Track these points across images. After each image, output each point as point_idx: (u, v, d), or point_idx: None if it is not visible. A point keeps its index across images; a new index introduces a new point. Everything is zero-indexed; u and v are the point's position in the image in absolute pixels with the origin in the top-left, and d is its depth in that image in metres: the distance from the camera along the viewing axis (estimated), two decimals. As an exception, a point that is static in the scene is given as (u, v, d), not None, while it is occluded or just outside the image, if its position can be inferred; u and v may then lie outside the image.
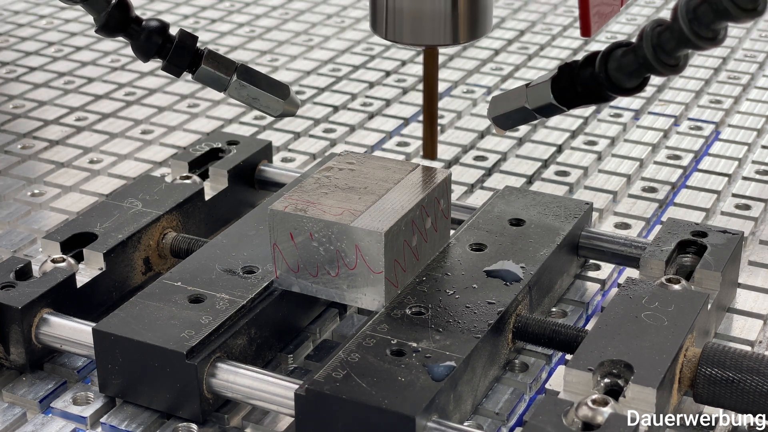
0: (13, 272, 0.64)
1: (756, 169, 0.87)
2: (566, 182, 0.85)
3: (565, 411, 0.52)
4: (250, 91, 0.67)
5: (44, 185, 0.86)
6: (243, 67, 0.67)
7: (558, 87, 0.57)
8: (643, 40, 0.52)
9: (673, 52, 0.51)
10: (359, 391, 0.54)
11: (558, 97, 0.57)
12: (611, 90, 0.55)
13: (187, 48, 0.66)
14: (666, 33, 0.51)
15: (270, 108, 0.68)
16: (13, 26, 1.22)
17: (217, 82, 0.67)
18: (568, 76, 0.57)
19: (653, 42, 0.51)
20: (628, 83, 0.54)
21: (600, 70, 0.55)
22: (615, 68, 0.54)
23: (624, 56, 0.54)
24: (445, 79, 1.06)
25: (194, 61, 0.67)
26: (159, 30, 0.66)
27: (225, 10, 1.27)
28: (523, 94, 0.59)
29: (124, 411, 0.60)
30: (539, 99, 0.58)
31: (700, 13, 0.49)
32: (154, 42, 0.66)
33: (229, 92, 0.67)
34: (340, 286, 0.62)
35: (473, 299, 0.62)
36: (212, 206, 0.76)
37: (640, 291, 0.61)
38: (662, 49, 0.51)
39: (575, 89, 0.56)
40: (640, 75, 0.54)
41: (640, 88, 0.55)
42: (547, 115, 0.59)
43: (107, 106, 1.01)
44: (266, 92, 0.67)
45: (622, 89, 0.55)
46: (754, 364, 0.56)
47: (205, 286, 0.63)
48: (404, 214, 0.62)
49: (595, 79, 0.55)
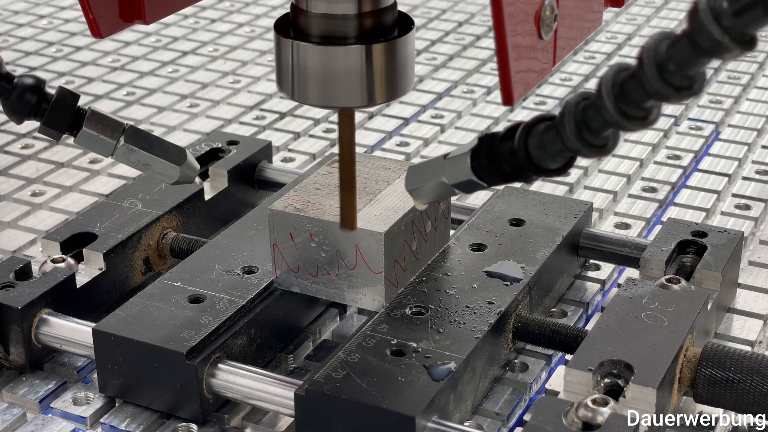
0: (13, 272, 0.64)
1: (756, 169, 0.87)
2: (566, 182, 0.85)
3: (565, 411, 0.52)
4: (140, 156, 0.61)
5: (44, 185, 0.86)
6: (132, 129, 0.61)
7: (477, 162, 0.49)
8: (565, 117, 0.44)
9: (599, 132, 0.43)
10: (359, 391, 0.54)
11: (477, 173, 0.50)
12: (531, 169, 0.47)
13: (66, 108, 0.60)
14: (591, 110, 0.43)
15: (164, 174, 0.62)
16: (13, 26, 1.22)
17: (102, 145, 0.61)
18: (488, 150, 0.49)
19: (576, 119, 0.44)
20: (551, 164, 0.46)
21: (519, 146, 0.47)
22: (535, 146, 0.46)
23: (545, 132, 0.46)
24: (445, 79, 1.06)
25: (75, 122, 0.60)
26: (33, 88, 0.59)
27: (225, 10, 1.27)
28: (441, 167, 0.52)
29: (124, 411, 0.60)
30: (458, 174, 0.51)
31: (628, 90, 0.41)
32: (26, 101, 0.59)
33: (116, 157, 0.61)
34: (340, 286, 0.62)
35: (473, 299, 0.62)
36: (212, 206, 0.76)
37: (640, 291, 0.61)
38: (587, 129, 0.43)
39: (495, 164, 0.48)
40: (563, 155, 0.46)
41: (565, 169, 0.46)
42: (469, 190, 0.51)
43: (107, 106, 1.01)
44: (159, 157, 0.61)
45: (543, 170, 0.47)
46: (754, 364, 0.56)
47: (205, 286, 0.63)
48: (404, 214, 0.62)
49: (514, 156, 0.47)
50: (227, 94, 1.03)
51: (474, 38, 1.16)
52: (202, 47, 1.15)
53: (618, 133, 0.44)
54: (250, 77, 1.07)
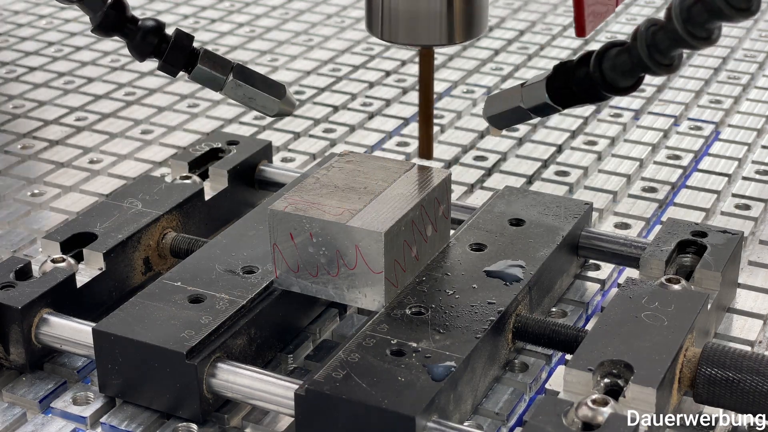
0: (13, 272, 0.64)
1: (756, 169, 0.87)
2: (566, 182, 0.85)
3: (565, 411, 0.52)
4: (246, 90, 0.67)
5: (44, 185, 0.86)
6: (239, 66, 0.67)
7: (553, 86, 0.57)
8: (637, 40, 0.51)
9: (668, 51, 0.51)
10: (359, 391, 0.54)
11: (553, 97, 0.57)
12: (606, 89, 0.55)
13: (183, 48, 0.66)
14: (660, 32, 0.50)
15: (266, 108, 0.68)
16: (13, 26, 1.22)
17: (213, 81, 0.67)
18: (563, 76, 0.56)
19: (647, 41, 0.51)
20: (623, 82, 0.54)
21: (594, 69, 0.54)
22: (609, 68, 0.54)
23: (618, 56, 0.53)
24: (445, 79, 1.06)
25: (190, 60, 0.67)
26: (155, 30, 0.65)
27: (225, 10, 1.27)
28: (518, 94, 0.59)
29: (124, 411, 0.60)
30: (534, 98, 0.58)
31: (694, 13, 0.48)
32: (149, 42, 0.65)
33: (225, 92, 0.67)
34: (340, 286, 0.62)
35: (473, 299, 0.62)
36: (212, 206, 0.76)
37: (640, 291, 0.61)
38: (656, 49, 0.51)
39: (570, 89, 0.56)
40: (634, 74, 0.53)
41: (635, 87, 0.54)
42: (542, 114, 0.59)
43: (107, 106, 1.01)
44: (262, 92, 0.67)
45: (616, 88, 0.54)
46: (754, 364, 0.56)
47: (205, 286, 0.63)
48: (404, 214, 0.62)
49: (589, 79, 0.55)
50: (227, 94, 1.03)
51: (474, 38, 1.16)
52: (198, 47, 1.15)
53: (682, 54, 0.51)
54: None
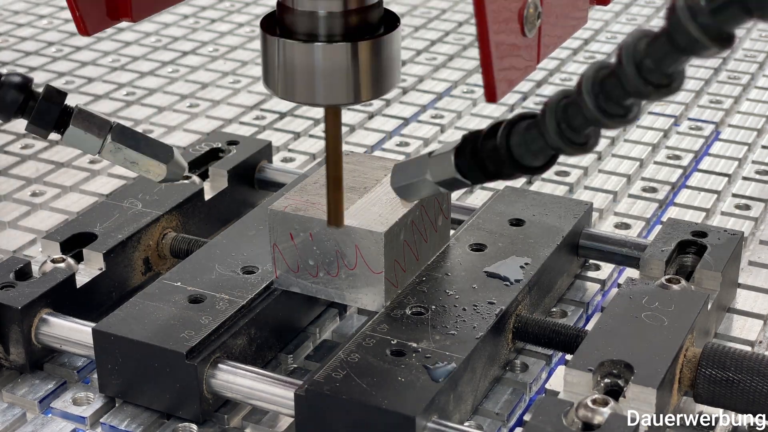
0: (12, 272, 0.64)
1: (756, 169, 0.87)
2: (566, 182, 0.85)
3: (565, 411, 0.52)
4: (127, 154, 0.61)
5: (44, 185, 0.86)
6: (119, 126, 0.61)
7: (460, 160, 0.50)
8: (546, 115, 0.44)
9: (581, 129, 0.43)
10: (359, 391, 0.54)
11: (462, 172, 0.50)
12: (513, 167, 0.47)
13: (53, 106, 0.60)
14: (571, 108, 0.43)
15: (151, 173, 0.62)
16: (13, 26, 1.22)
17: (89, 144, 0.61)
18: (471, 148, 0.49)
19: (557, 117, 0.44)
20: (533, 161, 0.46)
21: (501, 144, 0.47)
22: (517, 144, 0.46)
23: (528, 130, 0.46)
24: (445, 79, 1.06)
25: (62, 120, 0.61)
26: (20, 86, 0.59)
27: (225, 10, 1.27)
28: (426, 165, 0.52)
29: (124, 411, 0.60)
30: (442, 172, 0.51)
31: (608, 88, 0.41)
32: (13, 99, 0.59)
33: (104, 155, 0.61)
34: (340, 286, 0.62)
35: (473, 299, 0.62)
36: (212, 206, 0.76)
37: (640, 291, 0.61)
38: (568, 126, 0.43)
39: (480, 163, 0.49)
40: (545, 153, 0.46)
41: (547, 167, 0.47)
42: (452, 188, 0.52)
43: (107, 106, 1.01)
44: (145, 155, 0.62)
45: (526, 168, 0.47)
46: (754, 364, 0.56)
47: (205, 286, 0.63)
48: (404, 214, 0.62)
49: (496, 154, 0.47)
50: (227, 94, 1.03)
51: (474, 38, 1.16)
52: (202, 47, 1.15)
53: (599, 130, 0.44)
54: (250, 77, 1.07)
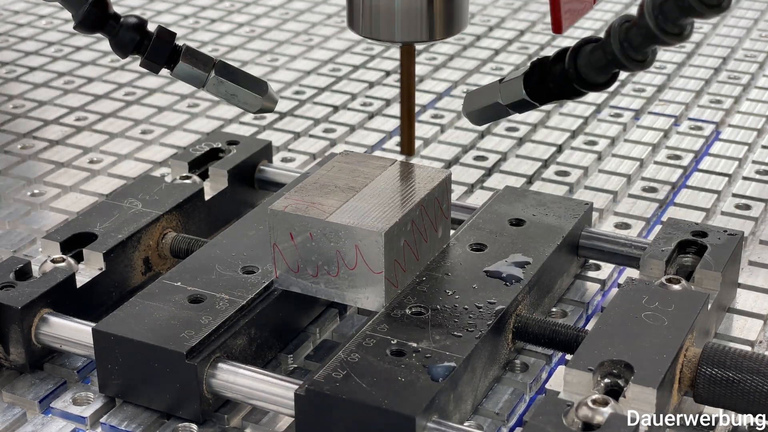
0: (13, 272, 0.64)
1: (756, 169, 0.87)
2: (566, 182, 0.85)
3: (565, 411, 0.52)
4: (228, 87, 0.66)
5: (44, 185, 0.86)
6: (221, 63, 0.67)
7: (530, 83, 0.57)
8: (611, 36, 0.52)
9: (641, 48, 0.51)
10: (359, 391, 0.54)
11: (530, 93, 0.57)
12: (580, 85, 0.55)
13: (165, 44, 0.65)
14: (633, 29, 0.51)
15: (248, 104, 0.67)
16: (13, 26, 1.22)
17: (195, 78, 0.66)
18: (540, 72, 0.57)
19: (620, 38, 0.51)
20: (598, 78, 0.54)
21: (569, 65, 0.55)
22: (584, 64, 0.54)
23: (593, 52, 0.54)
24: (445, 79, 1.06)
25: (172, 57, 0.66)
26: (137, 26, 0.65)
27: (225, 10, 1.27)
28: (497, 90, 0.59)
29: (124, 411, 0.60)
30: (512, 95, 0.58)
31: (666, 9, 0.49)
32: (131, 38, 0.65)
33: (207, 88, 0.67)
34: (340, 286, 0.62)
35: (473, 299, 0.62)
36: (212, 206, 0.76)
37: (640, 291, 0.61)
38: (630, 45, 0.51)
39: (547, 85, 0.56)
40: (608, 70, 0.54)
41: (610, 83, 0.55)
42: (520, 110, 0.59)
43: (107, 106, 1.01)
44: (244, 88, 0.67)
45: (591, 84, 0.55)
46: (754, 364, 0.56)
47: (205, 286, 0.63)
48: (404, 214, 0.62)
49: (564, 75, 0.55)
50: (227, 94, 1.03)
51: (474, 38, 1.16)
52: (202, 47, 1.15)
53: (656, 49, 0.51)
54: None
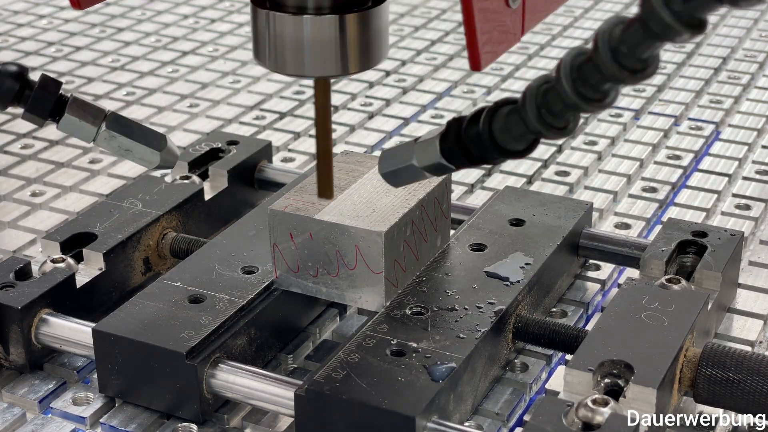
0: (12, 272, 0.64)
1: (756, 169, 0.87)
2: (566, 182, 0.85)
3: (565, 411, 0.52)
4: (122, 141, 0.63)
5: (44, 185, 0.86)
6: (113, 115, 0.63)
7: (445, 145, 0.51)
8: (527, 100, 0.46)
9: (560, 114, 0.45)
10: (359, 391, 0.54)
11: (446, 156, 0.51)
12: (497, 152, 0.49)
13: (49, 95, 0.61)
14: (551, 93, 0.45)
15: (145, 160, 0.63)
16: (13, 26, 1.22)
17: (84, 131, 0.62)
18: (456, 134, 0.50)
19: (537, 102, 0.45)
20: (515, 146, 0.48)
21: (484, 129, 0.48)
22: (499, 128, 0.48)
23: (509, 116, 0.47)
24: (445, 79, 1.06)
25: (57, 108, 0.62)
26: (16, 75, 0.61)
27: (225, 10, 1.27)
28: (412, 151, 0.53)
29: (124, 411, 0.60)
30: (427, 157, 0.52)
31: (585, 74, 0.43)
32: (9, 87, 0.61)
33: (98, 143, 0.63)
34: (340, 286, 0.62)
35: (473, 299, 0.62)
36: (212, 206, 0.76)
37: (640, 291, 0.61)
38: (548, 111, 0.45)
39: (464, 148, 0.50)
40: (526, 137, 0.47)
41: (529, 150, 0.48)
42: (438, 173, 0.53)
43: (107, 106, 1.00)
44: (139, 143, 0.63)
45: (508, 152, 0.48)
46: (754, 364, 0.56)
47: (205, 286, 0.63)
48: (404, 214, 0.62)
49: (479, 139, 0.49)
50: (227, 94, 1.03)
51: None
52: (202, 47, 1.15)
53: (578, 115, 0.45)
54: (250, 77, 1.07)
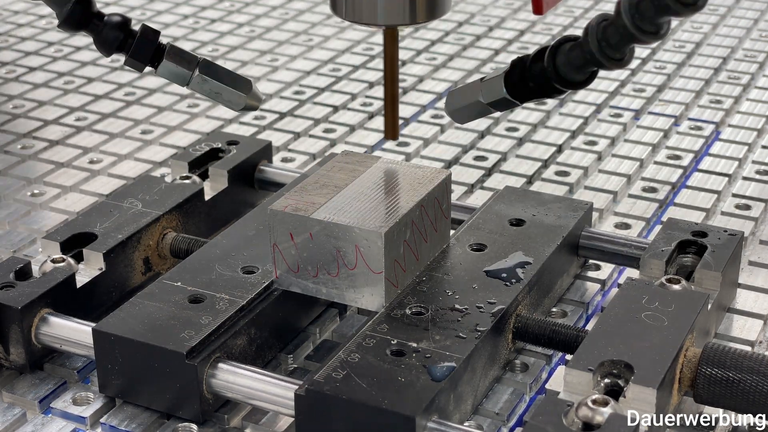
0: (12, 272, 0.64)
1: (756, 169, 0.87)
2: (566, 182, 0.85)
3: (565, 411, 0.52)
4: (212, 85, 0.66)
5: (44, 185, 0.86)
6: (205, 61, 0.67)
7: (510, 81, 0.57)
8: (588, 35, 0.52)
9: (618, 46, 0.51)
10: (359, 391, 0.54)
11: (511, 92, 0.57)
12: (560, 83, 0.55)
13: (149, 43, 0.65)
14: (610, 28, 0.51)
15: (232, 102, 0.67)
16: (13, 26, 1.22)
17: (179, 76, 0.66)
18: (520, 70, 0.57)
19: (598, 36, 0.51)
20: (577, 77, 0.54)
21: (548, 64, 0.55)
22: (563, 62, 0.54)
23: (571, 51, 0.54)
24: (445, 79, 1.06)
25: (156, 55, 0.66)
26: (120, 25, 0.65)
27: (225, 10, 1.27)
28: (478, 89, 0.59)
29: (124, 411, 0.60)
30: (493, 93, 0.58)
31: (643, 8, 0.49)
32: (115, 36, 0.65)
33: (191, 86, 0.67)
34: (340, 286, 0.62)
35: (473, 299, 0.62)
36: (212, 206, 0.76)
37: (640, 291, 0.61)
38: (608, 44, 0.51)
39: (527, 83, 0.56)
40: (587, 69, 0.54)
41: (589, 81, 0.55)
42: (502, 109, 0.59)
43: (107, 106, 1.01)
44: (228, 86, 0.67)
45: (570, 83, 0.55)
46: (754, 364, 0.56)
47: (205, 286, 0.63)
48: (404, 214, 0.62)
49: (543, 73, 0.55)
50: (227, 94, 1.03)
51: (474, 38, 1.16)
52: (202, 47, 1.16)
53: (634, 48, 0.51)
54: (250, 77, 1.07)
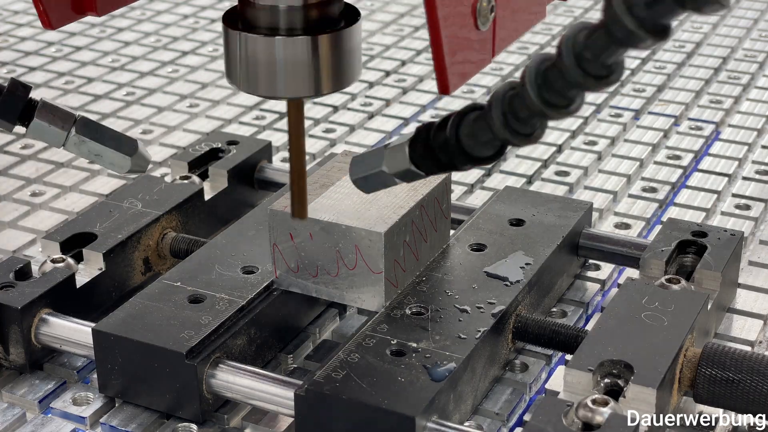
0: (12, 272, 0.64)
1: (756, 169, 0.87)
2: (566, 182, 0.85)
3: (565, 411, 0.52)
4: (91, 146, 0.62)
5: (44, 185, 0.86)
6: (83, 119, 0.62)
7: (414, 151, 0.50)
8: (492, 106, 0.45)
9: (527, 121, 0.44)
10: (359, 391, 0.54)
11: (416, 163, 0.51)
12: (465, 159, 0.48)
13: (18, 99, 0.61)
14: (517, 99, 0.44)
15: (115, 165, 0.63)
16: (13, 26, 1.22)
17: (54, 136, 0.61)
18: (424, 140, 0.50)
19: (503, 108, 0.45)
20: (483, 152, 0.47)
21: (451, 135, 0.48)
22: (467, 135, 0.47)
23: (476, 122, 0.47)
24: (445, 79, 1.06)
25: (26, 113, 0.61)
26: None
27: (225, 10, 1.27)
28: (382, 157, 0.52)
29: (124, 411, 0.60)
30: (397, 163, 0.52)
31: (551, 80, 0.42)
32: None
33: (68, 148, 0.62)
34: (340, 286, 0.62)
35: (473, 299, 0.62)
36: (212, 206, 0.76)
37: (640, 291, 0.61)
38: (514, 118, 0.44)
39: (431, 154, 0.49)
40: (494, 144, 0.47)
41: (497, 156, 0.48)
42: (408, 180, 0.52)
43: (107, 106, 1.01)
44: (110, 148, 0.62)
45: (475, 158, 0.48)
46: (754, 364, 0.56)
47: (205, 286, 0.63)
48: (404, 214, 0.62)
49: (447, 146, 0.48)
50: (227, 94, 1.03)
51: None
52: (202, 47, 1.15)
53: (545, 121, 0.44)
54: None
